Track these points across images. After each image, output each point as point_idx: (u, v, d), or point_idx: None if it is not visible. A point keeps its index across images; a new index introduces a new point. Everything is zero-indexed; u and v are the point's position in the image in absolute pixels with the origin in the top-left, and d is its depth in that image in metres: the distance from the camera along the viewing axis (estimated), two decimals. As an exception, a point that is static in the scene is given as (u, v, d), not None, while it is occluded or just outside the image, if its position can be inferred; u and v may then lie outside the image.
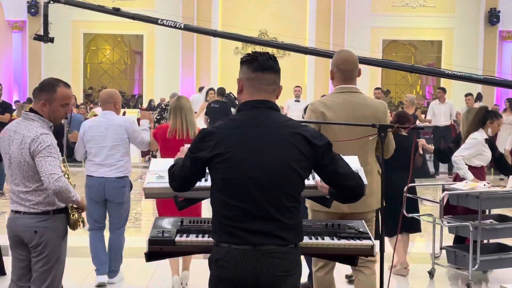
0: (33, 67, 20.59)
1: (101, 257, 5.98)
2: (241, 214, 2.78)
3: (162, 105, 14.48)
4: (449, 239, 6.93)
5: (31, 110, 4.01)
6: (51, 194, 3.90)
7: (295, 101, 15.21)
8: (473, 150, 6.54)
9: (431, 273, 6.43)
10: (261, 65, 2.90)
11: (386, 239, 5.97)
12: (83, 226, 4.26)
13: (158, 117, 13.26)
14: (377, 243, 3.45)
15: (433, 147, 7.42)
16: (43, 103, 3.97)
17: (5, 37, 20.80)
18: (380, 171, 4.33)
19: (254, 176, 2.78)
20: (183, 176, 2.96)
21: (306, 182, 3.07)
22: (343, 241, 3.25)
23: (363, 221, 3.56)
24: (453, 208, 6.47)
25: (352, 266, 4.23)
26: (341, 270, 5.60)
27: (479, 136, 6.61)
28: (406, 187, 5.48)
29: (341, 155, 3.00)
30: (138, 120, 15.17)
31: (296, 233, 2.85)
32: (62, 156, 4.83)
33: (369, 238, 3.28)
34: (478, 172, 6.64)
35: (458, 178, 6.78)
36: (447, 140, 13.94)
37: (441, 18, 21.10)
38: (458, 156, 6.52)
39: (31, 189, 3.94)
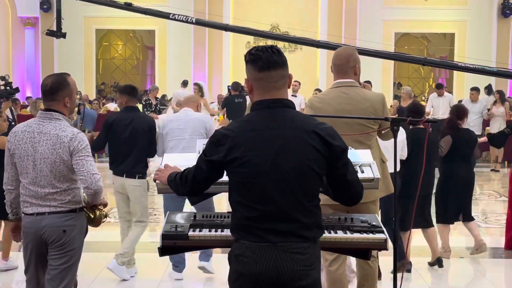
0: (46, 63, 20.69)
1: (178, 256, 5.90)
2: (261, 215, 2.75)
3: (143, 101, 14.53)
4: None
5: (50, 110, 3.92)
6: (90, 194, 3.88)
7: (292, 95, 15.18)
8: None
9: None
10: (265, 63, 2.80)
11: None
12: (105, 219, 4.26)
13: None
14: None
15: (485, 137, 8.24)
16: (66, 100, 3.93)
17: (18, 33, 20.94)
18: (383, 160, 4.39)
19: (273, 179, 2.74)
20: (200, 179, 2.92)
21: None
22: (356, 235, 3.24)
23: (375, 215, 3.56)
24: None
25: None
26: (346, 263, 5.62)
27: None
28: None
29: (353, 149, 2.98)
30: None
31: (316, 230, 2.84)
32: None
33: (382, 232, 3.26)
34: None
35: None
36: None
37: (454, 10, 20.96)
38: None
39: (61, 189, 3.88)
